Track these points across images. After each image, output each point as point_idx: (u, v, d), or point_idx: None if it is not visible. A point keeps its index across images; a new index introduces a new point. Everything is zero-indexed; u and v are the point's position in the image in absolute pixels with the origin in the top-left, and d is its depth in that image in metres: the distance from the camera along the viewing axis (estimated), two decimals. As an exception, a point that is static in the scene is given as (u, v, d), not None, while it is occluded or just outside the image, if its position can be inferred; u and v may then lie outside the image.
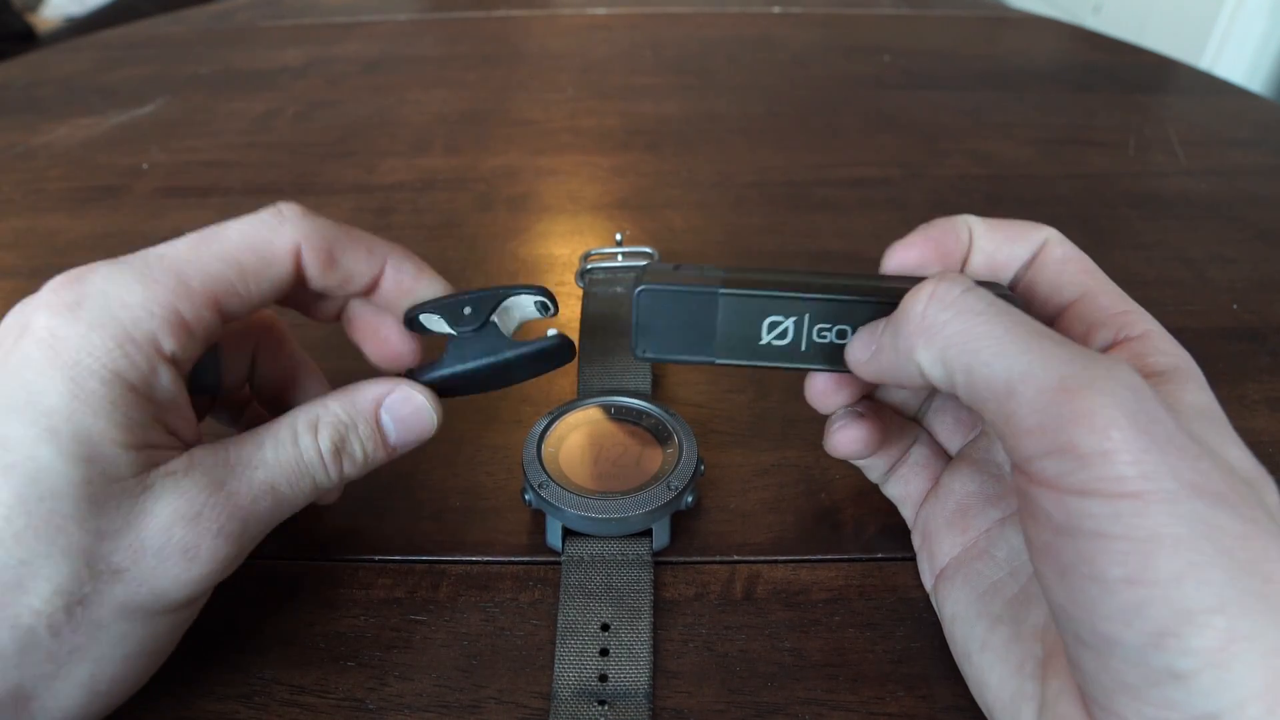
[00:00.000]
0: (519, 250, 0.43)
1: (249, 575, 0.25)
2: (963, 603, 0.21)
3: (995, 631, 0.20)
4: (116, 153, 0.55)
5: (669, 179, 0.50)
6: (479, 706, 0.22)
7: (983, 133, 0.55)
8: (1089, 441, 0.15)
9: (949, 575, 0.22)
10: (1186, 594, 0.14)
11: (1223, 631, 0.14)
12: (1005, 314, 0.17)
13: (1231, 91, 0.63)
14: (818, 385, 0.23)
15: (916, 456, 0.25)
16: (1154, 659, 0.14)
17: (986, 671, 0.20)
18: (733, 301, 0.21)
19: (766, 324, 0.21)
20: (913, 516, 0.25)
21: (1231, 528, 0.14)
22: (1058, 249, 0.22)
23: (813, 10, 0.84)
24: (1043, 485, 0.16)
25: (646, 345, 0.22)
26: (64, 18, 1.53)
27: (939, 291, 0.18)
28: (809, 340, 0.21)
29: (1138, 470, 0.14)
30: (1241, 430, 0.18)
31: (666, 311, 0.21)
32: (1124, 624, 0.15)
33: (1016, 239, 0.22)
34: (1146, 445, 0.15)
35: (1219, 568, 0.14)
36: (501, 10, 0.87)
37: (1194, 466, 0.15)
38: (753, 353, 0.21)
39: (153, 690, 0.22)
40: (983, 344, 0.17)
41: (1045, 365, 0.16)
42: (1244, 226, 0.44)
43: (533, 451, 0.26)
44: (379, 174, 0.51)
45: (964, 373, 0.17)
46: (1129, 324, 0.20)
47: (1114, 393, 0.15)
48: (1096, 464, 0.15)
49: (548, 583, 0.25)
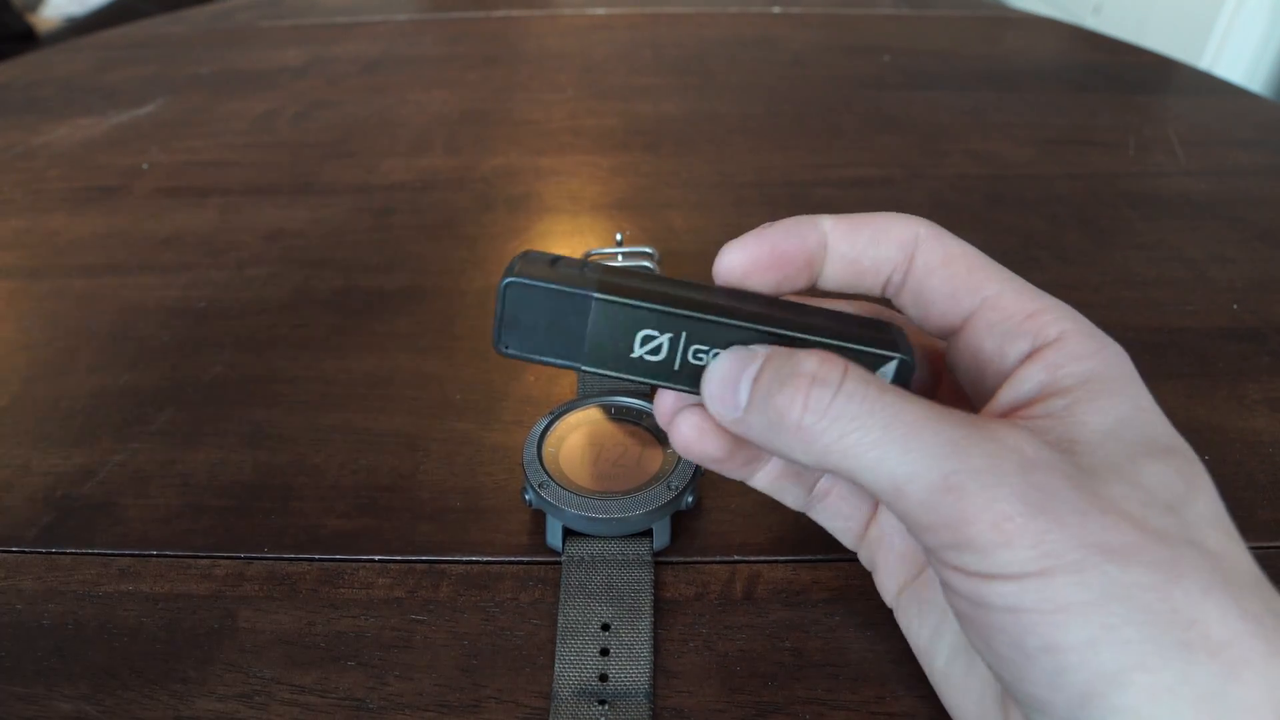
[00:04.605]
0: (519, 250, 0.43)
1: (249, 574, 0.25)
2: (922, 634, 0.21)
3: (953, 664, 0.20)
4: (116, 153, 0.55)
5: (669, 179, 0.50)
6: (479, 706, 0.22)
7: (983, 133, 0.55)
8: (985, 536, 0.15)
9: (904, 606, 0.22)
10: (1103, 658, 0.14)
11: (1146, 687, 0.14)
12: (879, 410, 0.16)
13: (1231, 91, 0.63)
14: (664, 404, 0.21)
15: (844, 485, 0.23)
16: (1084, 719, 0.15)
17: (952, 706, 0.20)
18: (606, 308, 0.19)
19: (640, 337, 0.19)
20: (855, 546, 0.23)
21: (1145, 581, 0.14)
22: (936, 247, 0.19)
23: (813, 10, 0.84)
24: (950, 569, 0.16)
25: (510, 340, 0.20)
26: (64, 18, 1.53)
27: (811, 401, 0.17)
28: (683, 360, 0.19)
29: (1039, 551, 0.15)
30: (1242, 430, 0.18)
31: (535, 308, 0.19)
32: (1049, 688, 0.15)
33: (881, 239, 0.20)
34: (1044, 526, 0.15)
35: (1134, 625, 0.14)
36: (501, 10, 0.87)
37: (1100, 525, 0.15)
38: (623, 365, 0.20)
39: (153, 689, 0.22)
40: (860, 449, 0.16)
41: (927, 463, 0.15)
42: (1244, 226, 0.44)
43: (533, 451, 0.26)
44: (379, 174, 0.51)
45: (849, 475, 0.17)
46: (1042, 328, 0.18)
47: (1001, 480, 0.15)
48: (998, 553, 0.15)
49: (548, 582, 0.25)
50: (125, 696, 0.22)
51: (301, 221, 0.45)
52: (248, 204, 0.48)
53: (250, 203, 0.48)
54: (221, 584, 0.25)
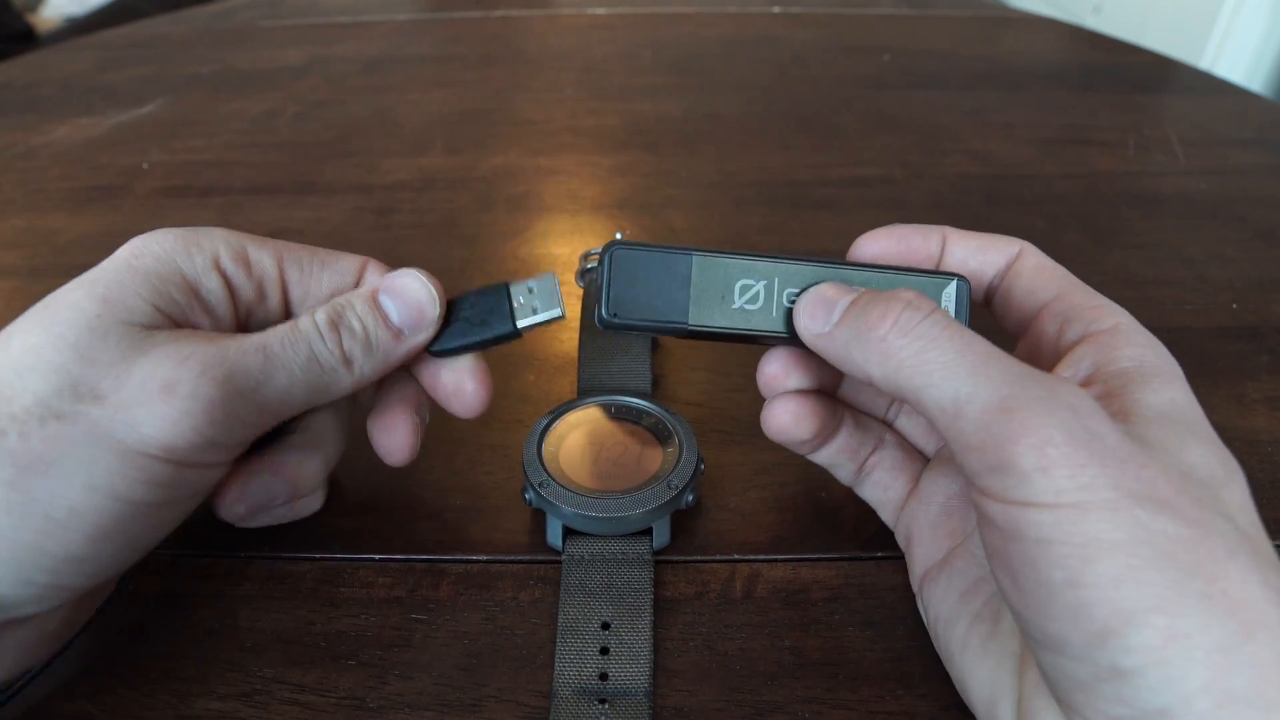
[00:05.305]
0: (519, 250, 0.43)
1: (249, 574, 0.25)
2: (946, 603, 0.21)
3: (974, 629, 0.20)
4: (116, 153, 0.55)
5: (669, 179, 0.50)
6: (479, 705, 0.22)
7: (983, 133, 0.55)
8: (1028, 458, 0.16)
9: (933, 577, 0.22)
10: (1125, 595, 0.15)
11: (1162, 630, 0.14)
12: (957, 337, 0.18)
13: (1231, 91, 0.63)
14: (769, 369, 0.23)
15: (889, 460, 0.24)
16: (1099, 657, 0.15)
17: (968, 671, 0.20)
18: (706, 261, 0.21)
19: (739, 287, 0.21)
20: (893, 519, 0.25)
21: (1174, 532, 0.15)
22: (1032, 258, 0.22)
23: (813, 10, 0.84)
24: (990, 498, 0.17)
25: (617, 309, 0.21)
26: (64, 18, 1.53)
27: (902, 320, 0.19)
28: (779, 305, 0.21)
29: (1075, 483, 0.15)
30: (1242, 430, 0.18)
31: (639, 275, 0.21)
32: (1069, 624, 0.15)
33: (989, 247, 0.23)
34: (1084, 459, 0.15)
35: (1157, 570, 0.15)
36: (501, 10, 0.87)
37: (1137, 475, 0.15)
38: (725, 317, 0.21)
39: (153, 689, 0.22)
40: (933, 367, 0.18)
41: (989, 387, 0.17)
42: (1244, 226, 0.44)
43: (533, 451, 0.26)
44: (379, 174, 0.51)
45: (914, 392, 0.18)
46: (1099, 318, 0.20)
47: (1052, 411, 0.16)
48: (1036, 479, 0.16)
49: (548, 581, 0.25)
50: (126, 695, 0.22)
51: (301, 221, 0.45)
52: (248, 204, 0.48)
53: (250, 202, 0.48)
54: (221, 583, 0.25)
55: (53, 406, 0.18)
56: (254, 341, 0.21)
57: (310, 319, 0.22)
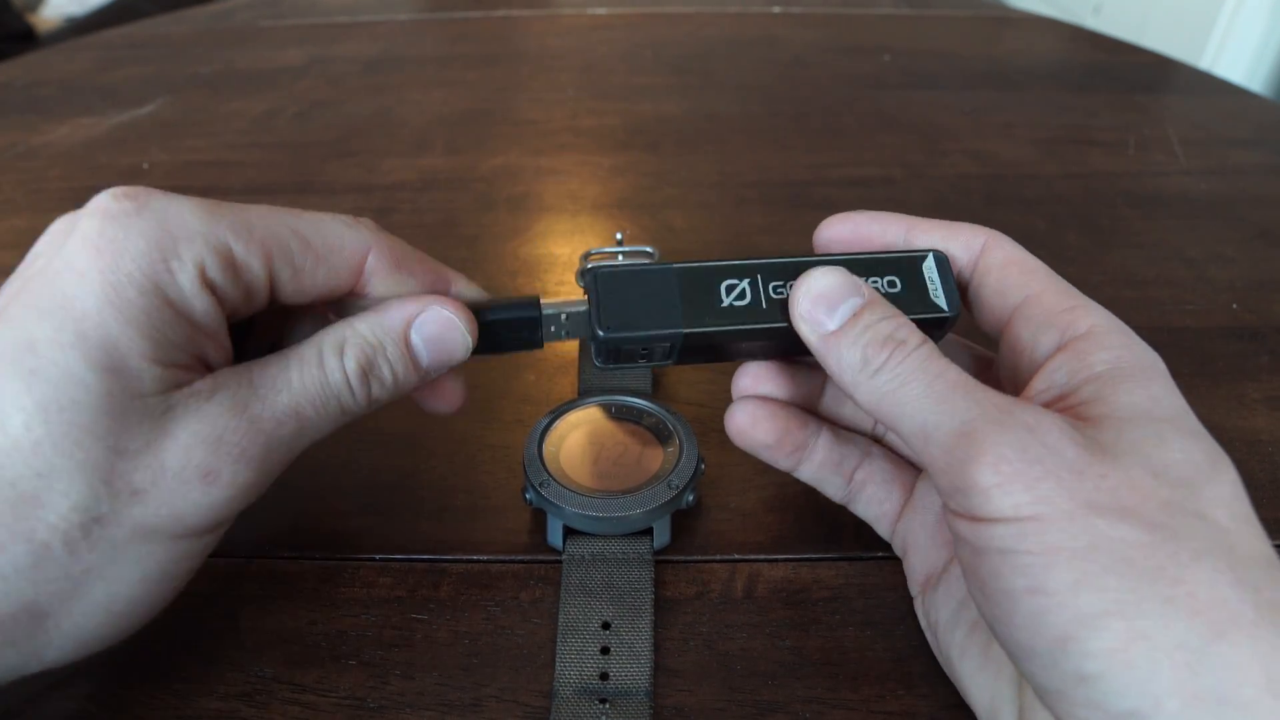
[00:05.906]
0: (519, 250, 0.43)
1: (249, 574, 0.25)
2: (945, 611, 0.21)
3: (973, 638, 0.20)
4: (116, 153, 0.55)
5: (669, 179, 0.50)
6: (480, 705, 0.22)
7: (983, 133, 0.56)
8: (986, 476, 0.16)
9: (931, 585, 0.22)
10: (1082, 601, 0.15)
11: (1121, 633, 0.15)
12: (931, 371, 0.19)
13: (1231, 91, 0.63)
14: (742, 381, 0.23)
15: (880, 474, 0.24)
16: (1063, 663, 0.15)
17: (968, 679, 0.20)
18: (688, 272, 0.22)
19: (724, 287, 0.22)
20: (889, 532, 0.24)
21: (1134, 538, 0.15)
22: (998, 252, 0.22)
23: (813, 10, 0.84)
24: (959, 516, 0.17)
25: (610, 322, 0.21)
26: (64, 18, 1.53)
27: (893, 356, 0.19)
28: (767, 298, 0.22)
29: (1032, 495, 0.16)
30: (1242, 430, 0.18)
31: (626, 293, 0.21)
32: (1033, 632, 0.16)
33: (951, 239, 0.22)
34: (1039, 474, 0.16)
35: (1115, 575, 0.15)
36: (501, 10, 0.87)
37: (1096, 485, 0.16)
38: (717, 316, 0.21)
39: (153, 689, 0.22)
40: (907, 398, 0.19)
41: (952, 415, 0.18)
42: (1244, 226, 0.44)
43: (533, 450, 0.26)
44: (379, 174, 0.51)
45: (892, 420, 0.19)
46: (1073, 322, 0.19)
47: (1007, 430, 0.17)
48: (994, 495, 0.16)
49: (549, 581, 0.25)
50: (127, 696, 0.22)
51: (302, 221, 0.45)
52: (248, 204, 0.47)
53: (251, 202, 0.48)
54: (222, 583, 0.25)
55: (92, 511, 0.17)
56: (285, 406, 0.20)
57: (339, 367, 0.21)
